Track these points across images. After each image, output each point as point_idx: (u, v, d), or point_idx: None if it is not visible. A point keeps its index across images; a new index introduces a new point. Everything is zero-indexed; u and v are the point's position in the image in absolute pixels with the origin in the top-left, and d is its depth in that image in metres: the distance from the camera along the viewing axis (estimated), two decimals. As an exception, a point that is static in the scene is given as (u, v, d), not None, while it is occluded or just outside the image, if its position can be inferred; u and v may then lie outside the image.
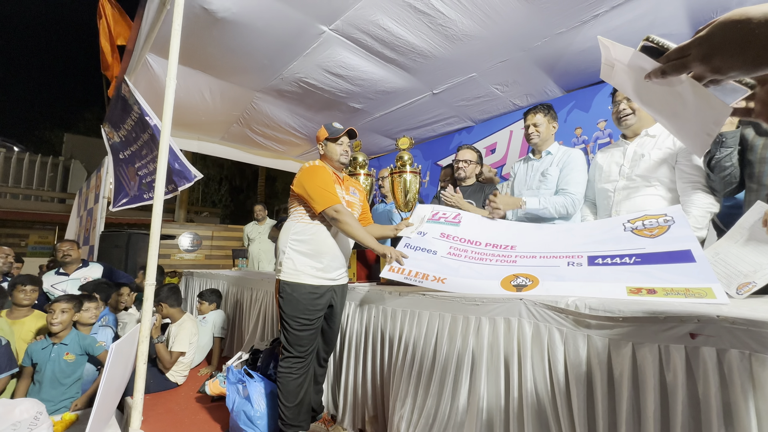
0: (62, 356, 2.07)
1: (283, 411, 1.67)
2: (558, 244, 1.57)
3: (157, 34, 2.48)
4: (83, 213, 5.72)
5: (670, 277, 1.15)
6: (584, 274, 1.33)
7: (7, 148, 12.34)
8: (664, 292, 1.10)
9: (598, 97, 3.09)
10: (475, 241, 1.76)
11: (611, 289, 1.19)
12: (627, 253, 1.32)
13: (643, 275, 1.20)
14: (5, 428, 1.49)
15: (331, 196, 1.68)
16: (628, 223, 1.46)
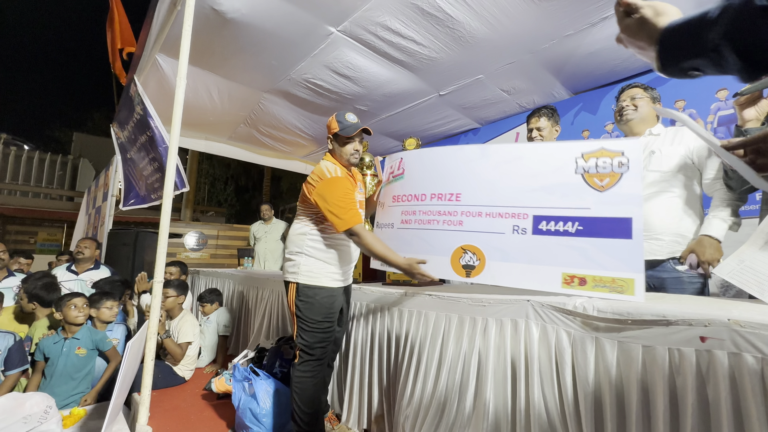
0: (74, 350, 2.10)
1: (300, 417, 1.61)
2: (504, 187, 1.45)
3: (167, 35, 2.51)
4: (91, 211, 5.79)
5: (602, 259, 1.22)
6: (527, 251, 1.35)
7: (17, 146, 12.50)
8: (593, 283, 1.21)
9: (606, 99, 3.07)
10: (420, 195, 1.66)
11: (548, 276, 1.29)
12: (571, 216, 1.30)
13: (579, 254, 1.26)
14: (16, 421, 1.51)
15: (352, 216, 1.58)
16: (582, 160, 1.33)
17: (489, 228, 1.43)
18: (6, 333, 2.00)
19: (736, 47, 0.45)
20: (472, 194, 1.51)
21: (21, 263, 3.51)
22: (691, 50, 0.50)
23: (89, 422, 1.85)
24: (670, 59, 0.54)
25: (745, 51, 0.45)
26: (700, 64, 0.51)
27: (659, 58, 0.56)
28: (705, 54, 0.49)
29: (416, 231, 1.63)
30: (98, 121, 18.55)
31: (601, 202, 1.26)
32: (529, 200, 1.38)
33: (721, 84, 2.49)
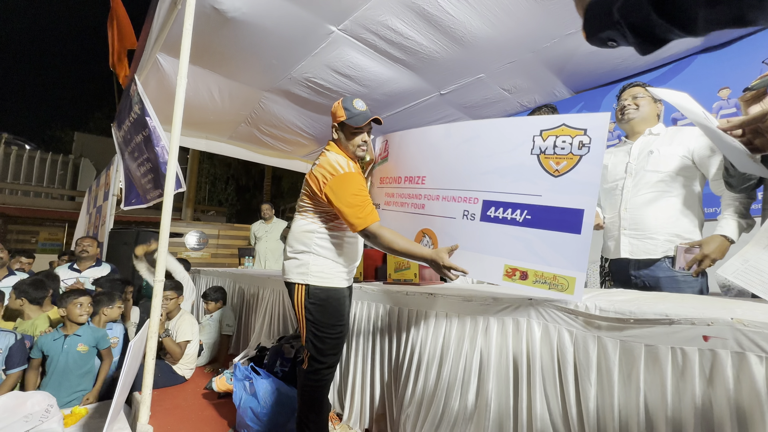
0: (75, 347, 2.10)
1: (310, 421, 1.54)
2: (459, 168, 1.40)
3: (168, 34, 2.51)
4: (92, 210, 5.79)
5: (546, 253, 1.17)
6: (475, 238, 1.31)
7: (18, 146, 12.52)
8: (534, 278, 1.17)
9: (607, 98, 3.07)
10: (397, 178, 1.66)
11: (492, 267, 1.26)
12: (520, 203, 1.22)
13: (524, 246, 1.20)
14: (17, 420, 1.51)
15: (368, 214, 1.44)
16: (540, 138, 1.21)
17: (443, 212, 1.41)
18: (7, 332, 2.01)
19: (629, 23, 0.51)
20: (434, 177, 1.49)
21: (22, 262, 3.51)
22: (604, 22, 0.55)
23: (90, 421, 1.85)
24: (592, 29, 0.59)
25: (635, 26, 0.51)
26: (612, 35, 0.55)
27: (584, 28, 0.60)
28: (613, 26, 0.54)
29: (392, 213, 1.64)
30: (99, 121, 18.58)
31: (554, 189, 1.17)
32: (480, 183, 1.32)
33: (723, 83, 2.48)
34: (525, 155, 1.23)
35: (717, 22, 0.44)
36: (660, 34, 0.50)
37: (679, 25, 0.47)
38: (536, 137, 1.22)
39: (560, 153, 1.17)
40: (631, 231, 1.65)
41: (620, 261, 1.71)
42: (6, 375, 1.95)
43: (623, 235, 1.67)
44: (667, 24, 0.48)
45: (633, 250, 1.65)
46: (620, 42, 0.56)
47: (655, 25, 0.49)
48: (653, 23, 0.49)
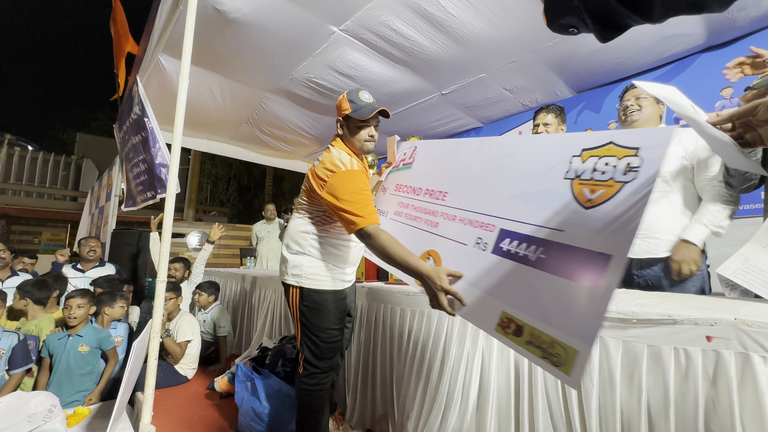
0: (77, 348, 2.11)
1: (309, 426, 1.50)
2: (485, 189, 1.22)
3: (169, 35, 2.51)
4: (95, 211, 5.81)
5: (551, 306, 0.90)
6: (480, 271, 1.09)
7: (21, 147, 12.58)
8: (528, 337, 0.92)
9: (609, 98, 3.06)
10: (417, 189, 1.50)
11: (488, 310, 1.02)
12: (538, 237, 0.99)
13: (529, 292, 0.96)
14: (20, 420, 1.52)
15: (368, 214, 1.32)
16: (578, 160, 0.97)
17: (456, 236, 1.23)
18: (10, 332, 2.01)
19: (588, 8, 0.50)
20: (456, 195, 1.33)
21: (25, 263, 3.53)
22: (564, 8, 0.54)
23: (93, 421, 1.86)
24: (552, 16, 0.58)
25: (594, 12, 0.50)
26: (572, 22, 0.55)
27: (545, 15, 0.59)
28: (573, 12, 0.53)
29: (400, 225, 1.48)
30: (101, 122, 18.63)
31: (581, 223, 0.90)
32: (502, 209, 1.13)
33: (726, 82, 2.47)
34: (557, 179, 1.00)
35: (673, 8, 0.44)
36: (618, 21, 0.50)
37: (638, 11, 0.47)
38: (575, 158, 0.98)
39: (598, 179, 0.92)
40: None
41: None
42: (9, 375, 1.96)
43: None
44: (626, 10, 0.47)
45: (635, 249, 1.64)
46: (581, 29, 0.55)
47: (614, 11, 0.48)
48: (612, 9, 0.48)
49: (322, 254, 1.51)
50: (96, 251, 3.14)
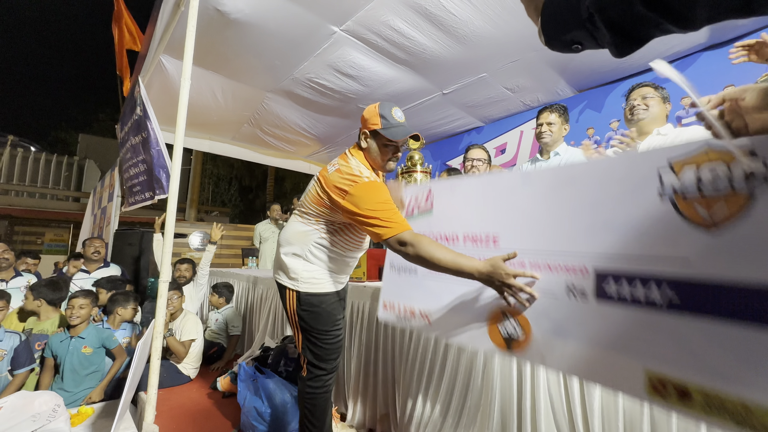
0: (80, 349, 2.12)
1: (313, 427, 1.49)
2: (552, 225, 1.04)
3: (171, 36, 2.52)
4: (97, 211, 5.83)
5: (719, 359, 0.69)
6: (589, 325, 0.90)
7: (24, 148, 12.64)
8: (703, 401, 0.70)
9: (611, 96, 3.05)
10: (452, 236, 1.33)
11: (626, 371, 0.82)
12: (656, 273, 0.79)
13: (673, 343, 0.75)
14: (25, 419, 1.53)
15: (402, 222, 1.26)
16: (671, 174, 0.81)
17: (536, 287, 1.02)
18: (12, 333, 2.03)
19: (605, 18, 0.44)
20: (513, 236, 1.13)
21: (28, 263, 3.55)
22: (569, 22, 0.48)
23: (97, 420, 1.87)
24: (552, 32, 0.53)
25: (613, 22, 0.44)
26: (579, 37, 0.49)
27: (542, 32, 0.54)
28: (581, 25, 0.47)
29: (445, 283, 1.26)
30: (103, 122, 18.70)
31: (713, 250, 0.73)
32: (585, 244, 0.93)
33: (728, 80, 2.46)
34: (651, 200, 0.83)
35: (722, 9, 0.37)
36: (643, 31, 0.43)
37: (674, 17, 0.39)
38: (664, 172, 0.82)
39: (712, 192, 0.75)
40: None
41: None
42: (13, 376, 1.97)
43: None
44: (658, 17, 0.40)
45: None
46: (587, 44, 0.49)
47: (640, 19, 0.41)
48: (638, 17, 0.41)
49: (322, 262, 1.48)
50: (100, 252, 3.16)
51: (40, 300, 2.35)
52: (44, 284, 2.40)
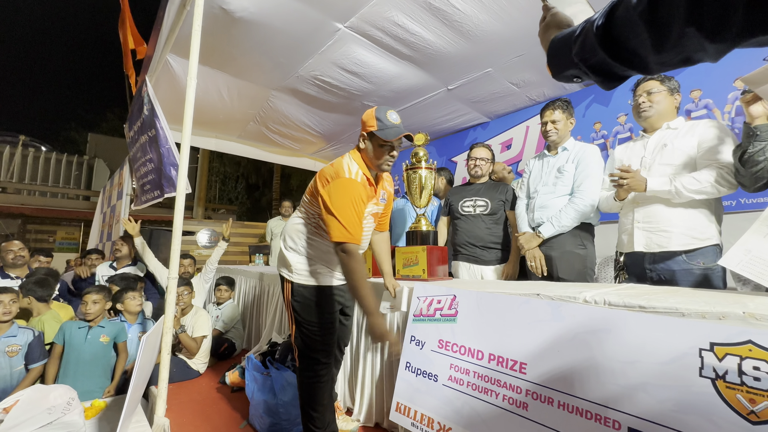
0: (99, 338, 2.16)
1: (312, 418, 1.54)
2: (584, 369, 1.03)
3: (177, 35, 2.54)
4: (106, 210, 5.92)
5: None
6: None
7: (35, 147, 12.86)
8: None
9: (618, 90, 3.01)
10: (476, 352, 1.33)
11: None
12: None
13: None
14: (41, 412, 1.57)
15: (353, 230, 1.36)
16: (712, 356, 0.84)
17: (564, 427, 1.01)
18: (26, 329, 2.08)
19: (587, 65, 0.54)
20: (541, 369, 1.12)
21: (41, 261, 3.62)
22: (567, 62, 0.58)
23: (109, 413, 1.91)
24: (555, 69, 0.62)
25: (594, 68, 0.53)
26: (575, 73, 0.58)
27: (549, 65, 0.63)
28: (574, 66, 0.56)
29: (469, 398, 1.27)
30: (112, 122, 18.93)
31: None
32: (620, 401, 0.93)
33: (739, 72, 2.42)
34: (691, 375, 0.85)
35: (667, 64, 0.47)
36: (619, 73, 0.53)
37: (634, 67, 0.50)
38: (705, 352, 0.84)
39: (756, 386, 0.77)
40: (645, 224, 1.63)
41: (635, 254, 1.69)
42: (28, 370, 2.02)
43: (637, 229, 1.66)
44: (622, 66, 0.50)
45: (648, 243, 1.63)
46: (584, 78, 0.58)
47: (611, 66, 0.51)
48: (609, 65, 0.51)
49: (313, 254, 1.56)
50: (121, 250, 3.27)
51: (29, 297, 2.39)
52: (33, 282, 2.44)
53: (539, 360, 1.13)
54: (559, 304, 1.17)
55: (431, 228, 2.19)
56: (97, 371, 2.15)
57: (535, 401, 1.11)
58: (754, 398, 0.76)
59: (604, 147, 3.05)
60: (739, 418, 0.77)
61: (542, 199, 2.03)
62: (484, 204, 2.29)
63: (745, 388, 0.78)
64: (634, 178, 1.57)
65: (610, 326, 1.02)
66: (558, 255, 1.93)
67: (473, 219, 2.31)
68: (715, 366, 0.82)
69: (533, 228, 2.03)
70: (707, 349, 0.84)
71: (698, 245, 1.53)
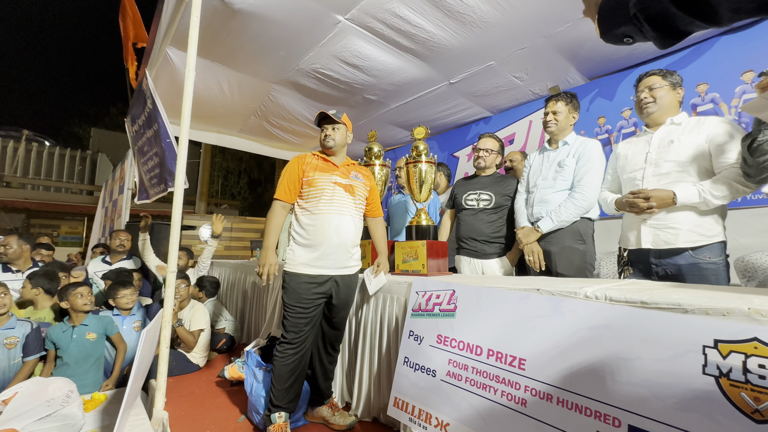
0: (84, 336, 2.16)
1: (272, 392, 1.74)
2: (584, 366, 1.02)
3: (176, 28, 2.52)
4: (108, 204, 5.94)
5: None
6: None
7: (38, 142, 12.92)
8: None
9: (623, 84, 2.97)
10: (475, 348, 1.32)
11: None
12: None
13: None
14: (40, 404, 1.57)
15: (280, 190, 1.82)
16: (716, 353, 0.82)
17: (563, 424, 1.01)
18: (24, 321, 2.08)
19: (646, 15, 0.50)
20: (540, 366, 1.11)
21: (43, 254, 3.63)
22: (619, 18, 0.55)
23: (109, 406, 1.91)
24: (606, 27, 0.59)
25: (654, 19, 0.50)
26: (628, 31, 0.55)
27: (598, 26, 0.60)
28: (629, 21, 0.53)
29: (467, 394, 1.28)
30: (114, 117, 18.96)
31: None
32: (621, 398, 0.93)
33: (747, 66, 2.37)
34: (694, 373, 0.84)
35: (741, 10, 0.42)
36: (681, 27, 0.48)
37: (701, 16, 0.45)
38: (708, 349, 0.83)
39: (759, 385, 0.76)
40: (653, 221, 1.61)
41: (640, 251, 1.67)
42: (24, 362, 2.03)
43: (644, 226, 1.63)
44: (688, 16, 0.46)
45: (655, 240, 1.61)
46: (637, 38, 0.55)
47: (674, 16, 0.47)
48: (672, 15, 0.47)
49: (298, 238, 1.81)
50: (125, 245, 3.24)
51: (38, 288, 2.40)
52: (41, 273, 2.45)
53: (539, 356, 1.12)
54: (559, 299, 1.15)
55: (431, 222, 2.17)
56: (87, 368, 2.15)
57: (534, 398, 1.10)
58: (759, 397, 0.75)
59: (608, 142, 3.01)
60: (743, 417, 0.76)
61: (542, 194, 2.00)
62: (488, 198, 2.26)
63: (749, 386, 0.77)
64: (658, 198, 1.52)
65: (612, 322, 1.00)
66: (557, 250, 1.91)
67: (476, 213, 2.28)
68: (719, 363, 0.81)
69: (532, 222, 2.01)
70: (711, 346, 0.83)
71: (705, 242, 1.52)
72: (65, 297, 2.20)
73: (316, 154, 1.90)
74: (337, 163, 1.89)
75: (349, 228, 1.83)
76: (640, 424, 0.88)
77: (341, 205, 1.82)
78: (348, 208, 1.84)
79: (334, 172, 1.85)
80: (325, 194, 1.79)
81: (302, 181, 1.82)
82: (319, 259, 1.77)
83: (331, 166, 1.87)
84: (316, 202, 1.78)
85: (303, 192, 1.82)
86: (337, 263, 1.81)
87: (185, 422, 1.94)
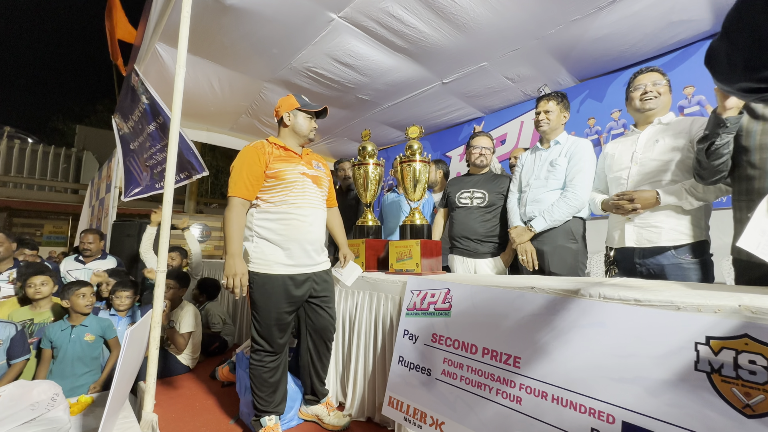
0: (83, 337, 2.11)
1: (255, 398, 1.66)
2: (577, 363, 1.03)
3: (166, 23, 2.48)
4: (95, 203, 5.81)
5: None
6: None
7: (21, 139, 12.59)
8: None
9: (613, 86, 3.02)
10: (470, 346, 1.32)
11: None
12: None
13: None
14: (23, 408, 1.53)
15: (239, 186, 1.63)
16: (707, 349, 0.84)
17: (558, 421, 1.02)
18: (7, 323, 2.02)
19: None
20: (536, 364, 1.12)
21: (26, 254, 3.53)
22: None
23: (96, 409, 1.87)
24: None
25: None
26: None
27: None
28: None
29: (462, 393, 1.28)
30: (101, 114, 18.57)
31: None
32: (615, 394, 0.94)
33: (732, 69, 2.43)
34: (686, 369, 0.85)
35: None
36: None
37: None
38: (700, 345, 0.85)
39: (751, 380, 0.78)
40: (637, 220, 1.64)
41: (625, 250, 1.70)
42: (9, 365, 1.97)
43: (628, 225, 1.66)
44: None
45: (638, 239, 1.64)
46: None
47: None
48: None
49: (265, 233, 1.66)
50: (90, 248, 3.13)
51: None
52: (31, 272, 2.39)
53: (533, 354, 1.13)
54: (553, 297, 1.16)
55: (425, 221, 2.17)
56: (83, 369, 2.11)
57: (528, 395, 1.10)
58: (750, 392, 0.77)
59: (597, 143, 3.06)
60: (734, 412, 0.78)
61: (534, 193, 2.02)
62: (481, 196, 2.27)
63: (740, 381, 0.78)
64: (642, 199, 1.57)
65: (605, 320, 1.01)
66: (550, 249, 1.93)
67: (469, 211, 2.29)
68: (710, 360, 0.82)
69: (525, 222, 2.03)
70: (703, 342, 0.84)
71: (687, 241, 1.55)
72: (67, 296, 2.15)
73: (273, 143, 1.73)
74: (297, 152, 1.78)
75: (323, 222, 1.79)
76: (634, 421, 0.89)
77: (313, 197, 1.74)
78: (319, 200, 1.78)
79: (299, 162, 1.74)
80: (296, 187, 1.68)
81: (265, 175, 1.66)
82: (295, 257, 1.67)
83: (293, 155, 1.74)
84: (284, 196, 1.66)
85: (267, 185, 1.66)
86: (315, 260, 1.75)
87: (176, 425, 1.90)
